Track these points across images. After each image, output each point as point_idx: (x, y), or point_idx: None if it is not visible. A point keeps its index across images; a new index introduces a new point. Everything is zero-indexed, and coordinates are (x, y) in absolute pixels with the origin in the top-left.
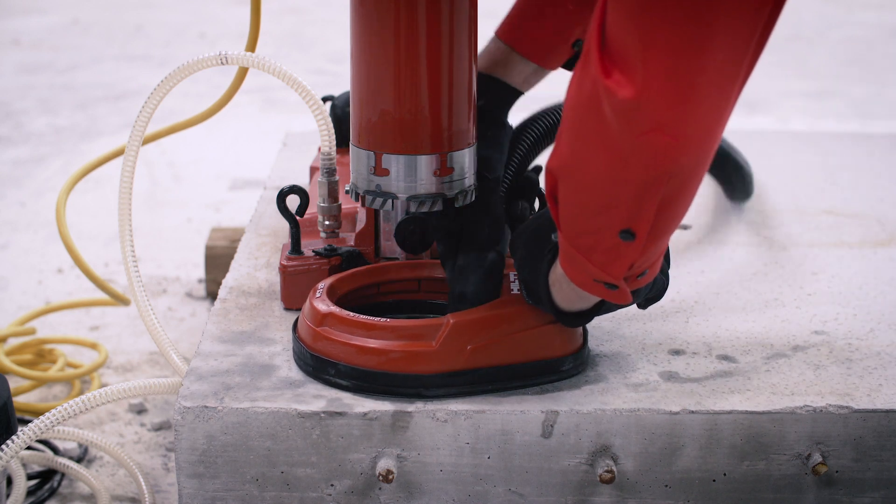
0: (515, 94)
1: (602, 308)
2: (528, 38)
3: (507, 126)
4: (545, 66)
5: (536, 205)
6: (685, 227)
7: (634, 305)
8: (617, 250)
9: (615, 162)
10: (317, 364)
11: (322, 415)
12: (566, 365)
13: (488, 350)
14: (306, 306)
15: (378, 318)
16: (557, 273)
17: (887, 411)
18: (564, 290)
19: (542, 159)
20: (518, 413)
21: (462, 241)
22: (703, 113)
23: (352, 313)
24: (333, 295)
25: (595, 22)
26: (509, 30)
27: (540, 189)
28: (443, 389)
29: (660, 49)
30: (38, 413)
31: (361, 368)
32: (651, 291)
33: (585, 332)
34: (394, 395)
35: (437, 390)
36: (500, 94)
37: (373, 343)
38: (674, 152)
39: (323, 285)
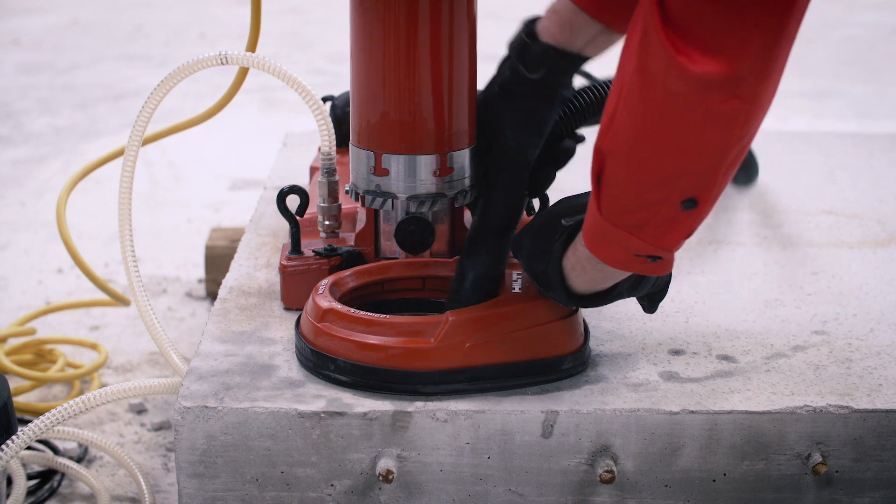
0: (577, 60)
1: (617, 289)
2: None
3: (562, 99)
4: (613, 28)
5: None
6: None
7: (638, 306)
8: (676, 221)
9: (689, 133)
10: (317, 360)
11: (322, 415)
12: (566, 364)
13: (487, 348)
14: (308, 303)
15: (378, 315)
16: (579, 256)
17: (887, 411)
18: (588, 273)
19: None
20: (518, 413)
21: (478, 224)
22: (776, 78)
23: (352, 309)
24: (337, 292)
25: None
26: None
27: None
28: (441, 387)
29: (750, 25)
30: (38, 413)
31: (361, 364)
32: (654, 286)
33: (587, 332)
34: (392, 392)
35: (435, 387)
36: (559, 62)
37: (372, 339)
38: (750, 118)
39: (326, 282)
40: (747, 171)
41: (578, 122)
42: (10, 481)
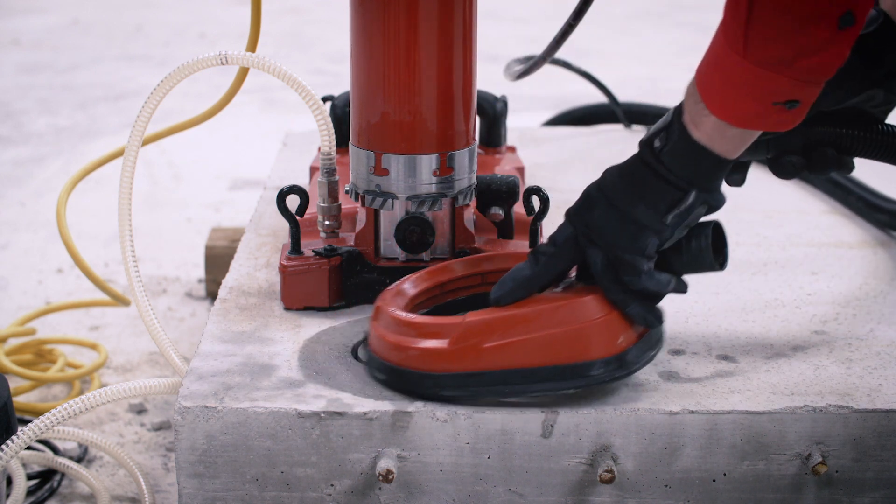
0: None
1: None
2: None
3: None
4: None
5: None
6: None
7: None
8: (832, 43)
9: None
10: (368, 359)
11: (322, 415)
12: (596, 369)
13: (507, 351)
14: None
15: (408, 315)
16: (707, 130)
17: (887, 411)
18: (719, 144)
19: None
20: (518, 413)
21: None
22: None
23: (393, 308)
24: (405, 296)
25: None
26: None
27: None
28: (458, 391)
29: None
30: (38, 413)
31: (389, 364)
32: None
33: (650, 335)
34: (413, 394)
35: (452, 391)
36: (887, 31)
37: (394, 338)
38: None
39: (393, 288)
40: None
41: (852, 147)
42: (10, 481)
